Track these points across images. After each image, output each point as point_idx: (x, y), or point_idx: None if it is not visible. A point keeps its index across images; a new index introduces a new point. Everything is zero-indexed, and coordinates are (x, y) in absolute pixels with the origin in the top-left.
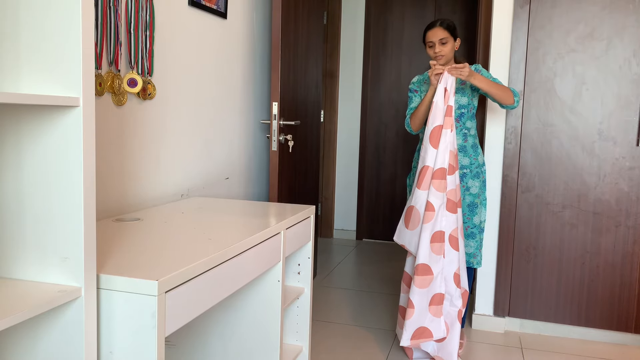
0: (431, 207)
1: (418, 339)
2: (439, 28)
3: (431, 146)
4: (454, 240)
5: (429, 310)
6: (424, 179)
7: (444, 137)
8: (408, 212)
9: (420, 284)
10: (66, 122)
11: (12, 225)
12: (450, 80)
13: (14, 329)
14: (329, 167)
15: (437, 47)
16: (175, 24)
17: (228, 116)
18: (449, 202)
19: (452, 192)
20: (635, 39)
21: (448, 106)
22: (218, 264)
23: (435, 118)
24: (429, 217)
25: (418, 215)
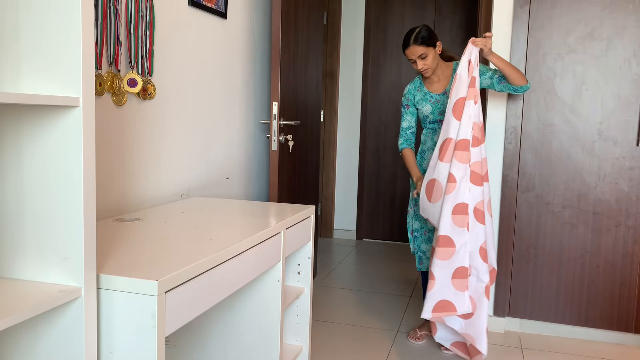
0: (453, 179)
1: (440, 312)
2: (414, 46)
3: (454, 118)
4: (480, 214)
5: (451, 283)
6: (446, 151)
7: (467, 108)
8: (429, 185)
9: (442, 256)
10: (66, 122)
11: (12, 225)
12: (475, 51)
13: (14, 329)
14: (329, 167)
15: (419, 63)
16: (175, 24)
17: (228, 116)
18: (473, 174)
19: (477, 165)
20: (635, 39)
21: (472, 78)
22: (218, 264)
23: (458, 90)
24: (450, 188)
25: (440, 188)
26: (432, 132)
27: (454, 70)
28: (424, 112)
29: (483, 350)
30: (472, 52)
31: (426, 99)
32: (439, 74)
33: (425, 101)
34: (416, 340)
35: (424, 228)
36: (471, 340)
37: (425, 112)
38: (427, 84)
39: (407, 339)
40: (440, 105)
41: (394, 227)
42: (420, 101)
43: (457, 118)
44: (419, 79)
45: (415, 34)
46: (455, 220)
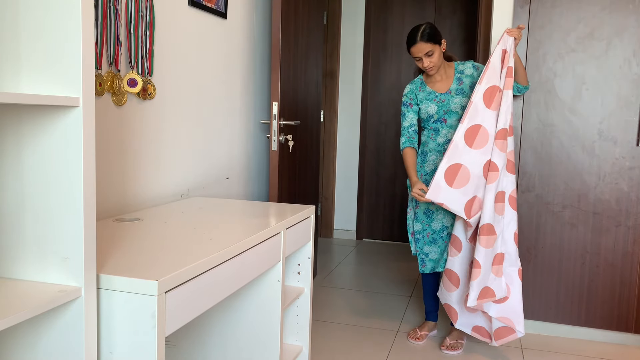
0: (495, 167)
1: (483, 299)
2: (421, 43)
3: (485, 106)
4: (513, 200)
5: (492, 270)
6: (476, 138)
7: (506, 98)
8: (452, 170)
9: (486, 244)
10: (66, 122)
11: (12, 225)
12: (510, 41)
13: (14, 328)
14: (329, 167)
15: (425, 61)
16: (175, 24)
17: (228, 116)
18: (508, 162)
19: (511, 153)
20: (635, 39)
21: (509, 67)
22: (218, 264)
23: (490, 78)
24: (493, 177)
25: (467, 174)
26: (435, 132)
27: (456, 69)
28: (429, 112)
29: (522, 329)
30: (507, 42)
31: (430, 99)
32: (442, 73)
33: (430, 100)
34: (416, 340)
35: (427, 230)
36: (509, 323)
37: (430, 112)
38: (429, 83)
39: (407, 339)
40: (446, 104)
41: (394, 227)
42: (424, 100)
43: (490, 106)
44: (419, 79)
45: (422, 30)
46: (496, 209)
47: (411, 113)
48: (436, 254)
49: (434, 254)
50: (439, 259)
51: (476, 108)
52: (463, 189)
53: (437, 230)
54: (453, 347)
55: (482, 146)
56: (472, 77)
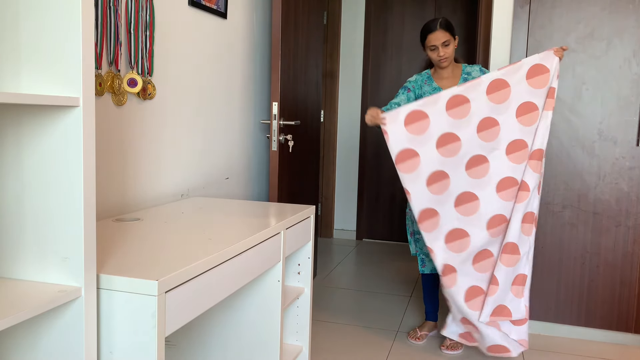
0: (526, 187)
1: (496, 317)
2: (440, 31)
3: (518, 121)
4: (536, 221)
5: (511, 289)
6: (458, 107)
7: (546, 119)
8: (475, 161)
9: (508, 263)
10: (66, 122)
11: (12, 225)
12: (556, 61)
13: (14, 328)
14: (329, 167)
15: (441, 50)
16: (175, 24)
17: (228, 116)
18: (539, 184)
19: (542, 175)
20: (635, 39)
21: (552, 88)
22: (218, 264)
23: (522, 95)
24: (523, 196)
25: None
26: None
27: (463, 70)
28: None
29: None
30: (552, 61)
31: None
32: (449, 71)
33: None
34: (416, 340)
35: None
36: (524, 344)
37: None
38: (437, 79)
39: (407, 339)
40: None
41: (394, 227)
42: (427, 94)
43: (525, 123)
44: (427, 72)
45: (440, 20)
46: (524, 229)
47: (404, 95)
48: None
49: None
50: None
51: (510, 126)
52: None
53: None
54: (453, 347)
55: (461, 116)
56: None
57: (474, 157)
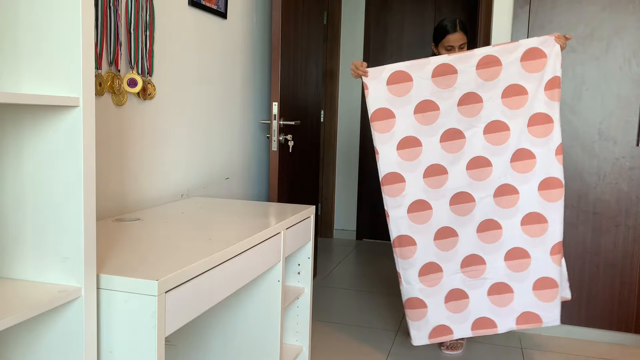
0: (559, 184)
1: (523, 325)
2: (460, 33)
3: (502, 105)
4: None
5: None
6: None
7: (554, 110)
8: (450, 134)
9: (515, 267)
10: (66, 122)
11: (12, 225)
12: (557, 48)
13: (14, 328)
14: (329, 167)
15: (457, 51)
16: (175, 24)
17: (228, 116)
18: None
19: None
20: (635, 39)
21: (556, 77)
22: (218, 264)
23: (502, 53)
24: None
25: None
26: None
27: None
28: None
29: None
30: (552, 47)
31: None
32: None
33: None
34: None
35: None
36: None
37: None
38: None
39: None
40: None
41: None
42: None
43: (509, 106)
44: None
45: (459, 21)
46: (529, 229)
47: None
48: None
49: None
50: None
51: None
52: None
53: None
54: (453, 347)
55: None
56: None
57: (451, 130)
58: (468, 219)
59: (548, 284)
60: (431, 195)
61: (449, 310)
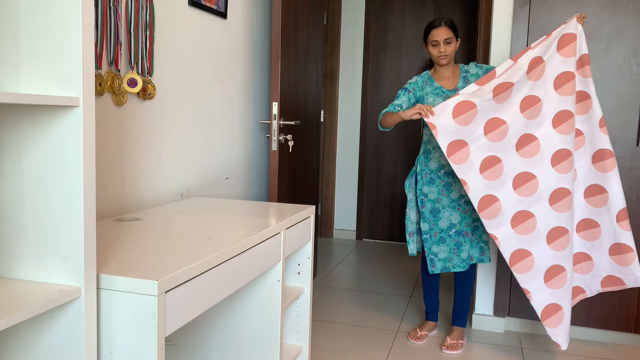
0: (609, 154)
1: (608, 287)
2: (444, 27)
3: (558, 95)
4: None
5: (611, 259)
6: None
7: (591, 86)
8: (524, 141)
9: (587, 237)
10: (66, 122)
11: (12, 225)
12: (580, 27)
13: (14, 328)
14: (329, 167)
15: (442, 46)
16: (175, 24)
17: (228, 116)
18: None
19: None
20: (635, 39)
21: (585, 55)
22: (218, 264)
23: (544, 48)
24: (608, 165)
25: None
26: None
27: (462, 70)
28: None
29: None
30: (576, 28)
31: (437, 93)
32: (450, 71)
33: (437, 95)
34: (416, 340)
35: (434, 229)
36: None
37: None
38: (437, 79)
39: (407, 339)
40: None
41: (394, 227)
42: (430, 94)
43: (564, 93)
44: (427, 73)
45: (445, 18)
46: (596, 200)
47: (405, 97)
48: (445, 253)
49: (442, 253)
50: (449, 258)
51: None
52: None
53: (445, 229)
54: (453, 347)
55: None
56: (477, 76)
57: (523, 137)
58: (570, 213)
59: (622, 249)
60: (528, 203)
61: (555, 291)
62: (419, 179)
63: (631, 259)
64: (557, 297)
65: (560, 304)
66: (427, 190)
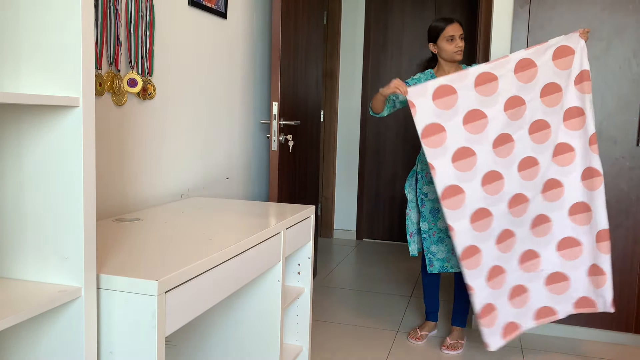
0: (596, 172)
1: (580, 308)
2: (458, 24)
3: (542, 104)
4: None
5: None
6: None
7: (589, 103)
8: (501, 140)
9: (569, 255)
10: (66, 122)
11: (12, 225)
12: (582, 43)
13: (14, 328)
14: (329, 167)
15: (459, 42)
16: (175, 24)
17: (228, 116)
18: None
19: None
20: (635, 39)
21: (585, 70)
22: (218, 264)
23: (535, 55)
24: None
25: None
26: None
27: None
28: None
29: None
30: (578, 43)
31: None
32: (453, 70)
33: None
34: (416, 340)
35: (433, 229)
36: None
37: None
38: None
39: (407, 339)
40: None
41: (394, 227)
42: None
43: (548, 104)
44: (430, 72)
45: (453, 18)
46: (577, 219)
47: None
48: (444, 253)
49: (441, 253)
50: (447, 258)
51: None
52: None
53: (444, 229)
54: (453, 347)
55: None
56: None
57: (501, 136)
58: (524, 219)
59: (598, 271)
60: (490, 202)
61: (514, 307)
62: (419, 178)
63: (603, 282)
64: (494, 296)
65: (495, 304)
66: (427, 189)
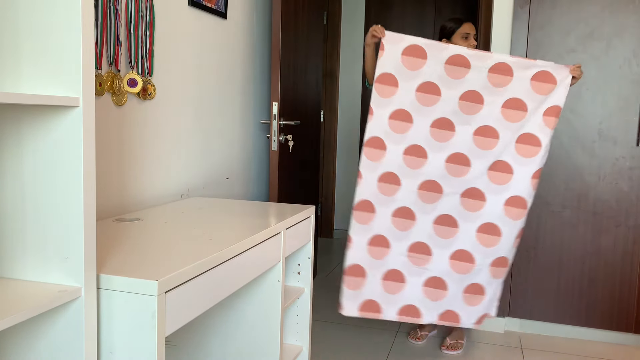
0: (524, 204)
1: (444, 321)
2: (473, 25)
3: (500, 113)
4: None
5: (463, 297)
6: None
7: (545, 137)
8: (442, 123)
9: (459, 269)
10: (66, 122)
11: (12, 225)
12: (569, 79)
13: (14, 328)
14: (329, 167)
15: (472, 40)
16: (175, 24)
17: (228, 116)
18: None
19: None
20: (635, 39)
21: (557, 106)
22: (218, 264)
23: (519, 66)
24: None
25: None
26: None
27: None
28: None
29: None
30: (565, 77)
31: None
32: None
33: None
34: (416, 340)
35: None
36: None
37: None
38: None
39: (407, 339)
40: None
41: None
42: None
43: (506, 117)
44: None
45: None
46: (482, 239)
47: None
48: None
49: None
50: None
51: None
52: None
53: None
54: (453, 347)
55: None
56: None
57: (444, 119)
58: (430, 208)
59: (477, 290)
60: (405, 173)
61: (384, 289)
62: None
63: (478, 301)
64: (369, 264)
65: (367, 271)
66: None
